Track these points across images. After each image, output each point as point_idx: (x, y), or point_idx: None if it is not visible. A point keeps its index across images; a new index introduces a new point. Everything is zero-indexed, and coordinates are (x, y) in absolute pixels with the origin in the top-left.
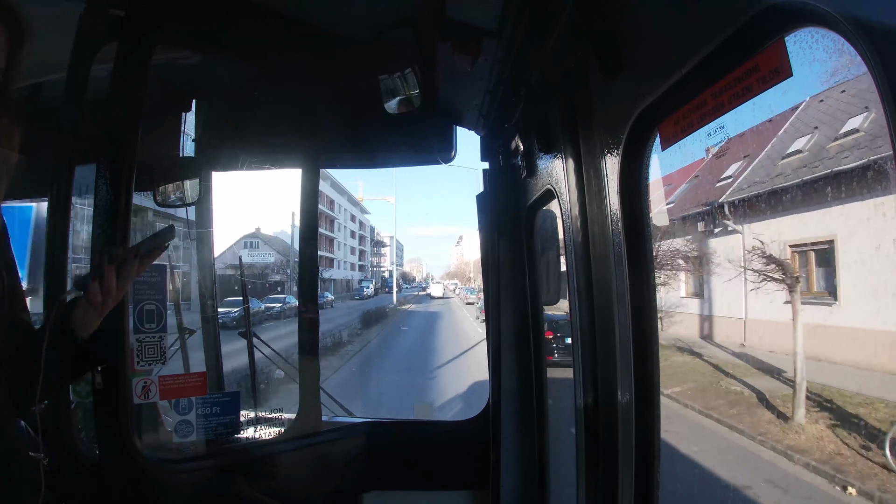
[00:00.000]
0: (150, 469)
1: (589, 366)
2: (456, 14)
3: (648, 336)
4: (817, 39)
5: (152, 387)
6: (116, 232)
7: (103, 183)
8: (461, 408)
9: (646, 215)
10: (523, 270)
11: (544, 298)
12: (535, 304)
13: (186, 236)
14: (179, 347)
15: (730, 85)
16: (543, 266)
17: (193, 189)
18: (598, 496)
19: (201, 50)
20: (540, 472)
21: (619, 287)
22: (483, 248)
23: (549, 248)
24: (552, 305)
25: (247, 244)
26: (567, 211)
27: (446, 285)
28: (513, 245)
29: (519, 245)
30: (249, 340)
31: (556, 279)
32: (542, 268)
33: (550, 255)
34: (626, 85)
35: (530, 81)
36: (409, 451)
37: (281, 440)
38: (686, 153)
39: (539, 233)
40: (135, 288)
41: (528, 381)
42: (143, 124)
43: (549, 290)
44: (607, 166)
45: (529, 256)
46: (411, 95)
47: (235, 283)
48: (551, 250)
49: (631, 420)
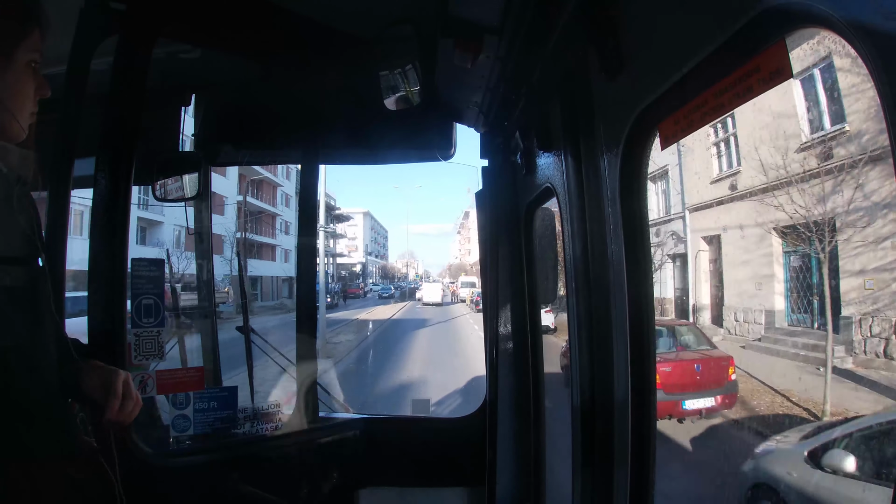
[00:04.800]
0: (147, 463)
1: (586, 364)
2: (458, 11)
3: (645, 334)
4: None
5: (150, 381)
6: (115, 227)
7: (102, 177)
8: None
9: (644, 214)
10: (521, 268)
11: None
12: (532, 301)
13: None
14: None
15: (730, 85)
16: (541, 264)
17: (193, 184)
18: (594, 493)
19: (202, 44)
20: (536, 470)
21: (616, 286)
22: (481, 246)
23: (548, 247)
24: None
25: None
26: (566, 209)
27: (447, 285)
28: (511, 243)
29: (517, 243)
30: (247, 336)
31: (553, 277)
32: (540, 266)
33: (548, 253)
34: (626, 84)
35: (531, 79)
36: (405, 448)
37: (277, 435)
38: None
39: (537, 231)
40: (133, 282)
41: (525, 378)
42: (142, 118)
43: (546, 288)
44: (607, 165)
45: (528, 254)
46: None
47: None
48: (549, 248)
49: (627, 418)
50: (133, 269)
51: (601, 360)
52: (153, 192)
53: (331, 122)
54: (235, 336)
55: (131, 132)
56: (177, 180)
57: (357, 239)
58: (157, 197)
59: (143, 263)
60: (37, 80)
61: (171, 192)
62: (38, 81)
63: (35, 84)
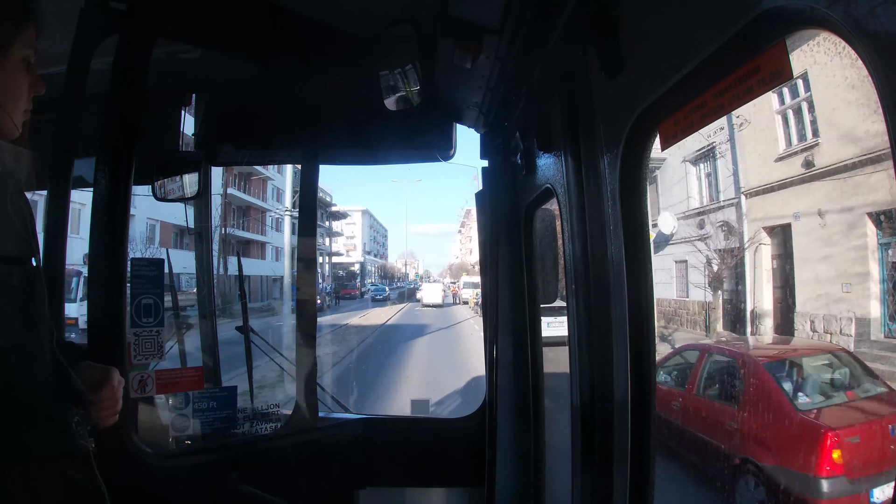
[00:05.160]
0: (146, 463)
1: (585, 364)
2: (458, 11)
3: (645, 335)
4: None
5: (149, 381)
6: (115, 226)
7: (102, 177)
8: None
9: (644, 215)
10: (521, 268)
11: (541, 297)
12: (532, 301)
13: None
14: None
15: (731, 86)
16: (541, 264)
17: (192, 183)
18: (594, 493)
19: (202, 44)
20: (535, 470)
21: (616, 286)
22: (482, 247)
23: (548, 247)
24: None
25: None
26: (566, 210)
27: (448, 286)
28: (511, 243)
29: (517, 243)
30: (247, 336)
31: (553, 278)
32: (540, 266)
33: (548, 253)
34: (626, 84)
35: (531, 80)
36: (404, 448)
37: (277, 435)
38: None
39: (537, 231)
40: (132, 282)
41: (525, 378)
42: (142, 118)
43: (546, 288)
44: (607, 166)
45: (528, 255)
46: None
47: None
48: (549, 249)
49: (627, 418)
50: (133, 269)
51: (601, 360)
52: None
53: (331, 122)
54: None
55: (131, 132)
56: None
57: (355, 238)
58: (157, 197)
59: (143, 263)
60: (31, 77)
61: (171, 191)
62: (32, 79)
63: (30, 81)
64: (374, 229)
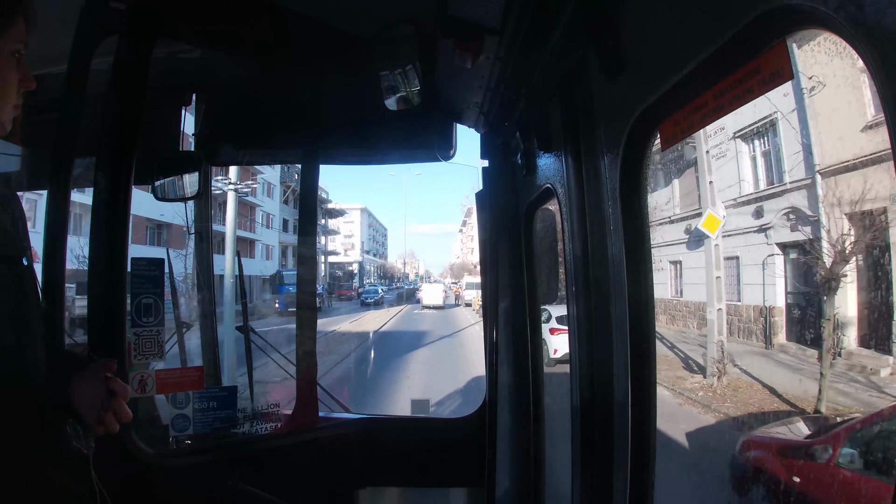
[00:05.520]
0: (147, 463)
1: (586, 364)
2: (457, 11)
3: (645, 335)
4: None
5: (149, 381)
6: (115, 226)
7: (102, 177)
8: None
9: (645, 215)
10: (521, 268)
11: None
12: (532, 301)
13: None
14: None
15: (731, 86)
16: (541, 264)
17: (192, 183)
18: (594, 494)
19: (202, 44)
20: (535, 470)
21: (616, 286)
22: (482, 246)
23: (548, 247)
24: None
25: None
26: (566, 210)
27: (449, 286)
28: (511, 243)
29: (517, 243)
30: (247, 336)
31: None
32: (540, 266)
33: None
34: (627, 85)
35: (531, 80)
36: (405, 448)
37: (277, 435)
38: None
39: (538, 231)
40: (133, 282)
41: (525, 378)
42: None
43: (546, 288)
44: (607, 166)
45: (528, 254)
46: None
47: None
48: (549, 249)
49: (627, 418)
50: (133, 268)
51: (601, 360)
52: (153, 192)
53: (331, 123)
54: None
55: (131, 132)
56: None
57: (354, 237)
58: (157, 197)
59: (143, 263)
60: (21, 71)
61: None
62: (22, 73)
63: (19, 76)
64: (374, 228)
